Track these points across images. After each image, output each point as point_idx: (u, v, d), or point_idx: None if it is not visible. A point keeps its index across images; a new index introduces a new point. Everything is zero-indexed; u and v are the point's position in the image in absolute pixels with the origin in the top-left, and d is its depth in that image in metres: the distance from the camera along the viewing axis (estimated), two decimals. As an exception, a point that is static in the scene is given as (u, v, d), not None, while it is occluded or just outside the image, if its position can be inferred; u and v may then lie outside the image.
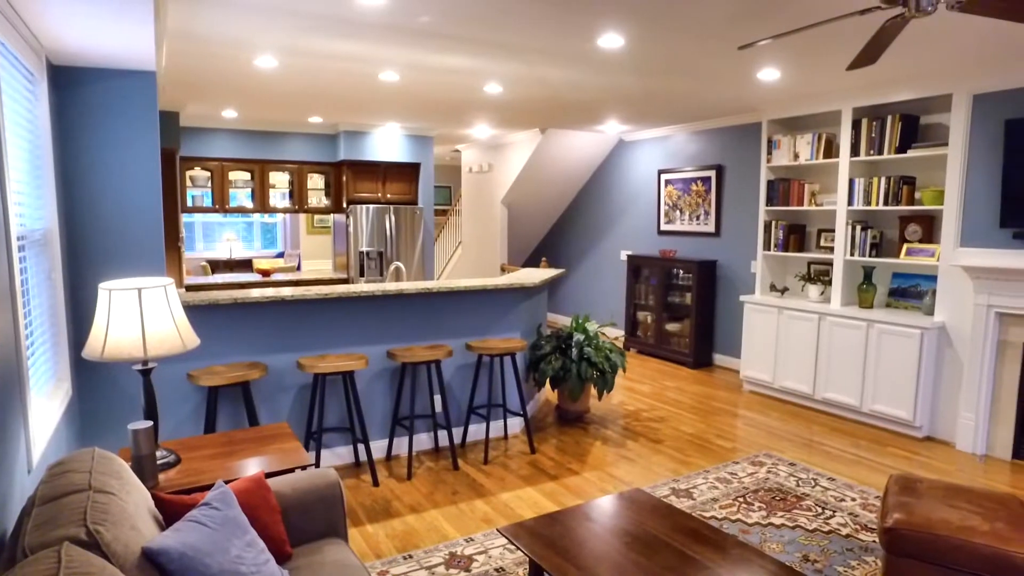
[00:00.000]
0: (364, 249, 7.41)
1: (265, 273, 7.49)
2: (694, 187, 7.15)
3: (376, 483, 3.88)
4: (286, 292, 3.89)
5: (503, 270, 8.45)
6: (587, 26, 3.50)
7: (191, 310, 3.66)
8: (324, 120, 6.99)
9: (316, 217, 11.52)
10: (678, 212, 7.40)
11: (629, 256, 7.68)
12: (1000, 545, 2.35)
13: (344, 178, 7.44)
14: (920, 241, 4.92)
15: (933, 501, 2.65)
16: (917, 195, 4.92)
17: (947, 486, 2.80)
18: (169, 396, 3.69)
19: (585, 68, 4.49)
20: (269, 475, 2.41)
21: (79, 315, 3.38)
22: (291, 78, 4.83)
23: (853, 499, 3.69)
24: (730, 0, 3.07)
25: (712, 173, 6.89)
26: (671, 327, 7.23)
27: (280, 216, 11.98)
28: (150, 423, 2.23)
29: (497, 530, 2.71)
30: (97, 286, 3.39)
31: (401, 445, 4.40)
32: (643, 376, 6.55)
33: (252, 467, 2.45)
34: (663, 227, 7.63)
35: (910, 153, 4.82)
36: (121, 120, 3.38)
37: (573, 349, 4.90)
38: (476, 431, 4.70)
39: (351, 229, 7.37)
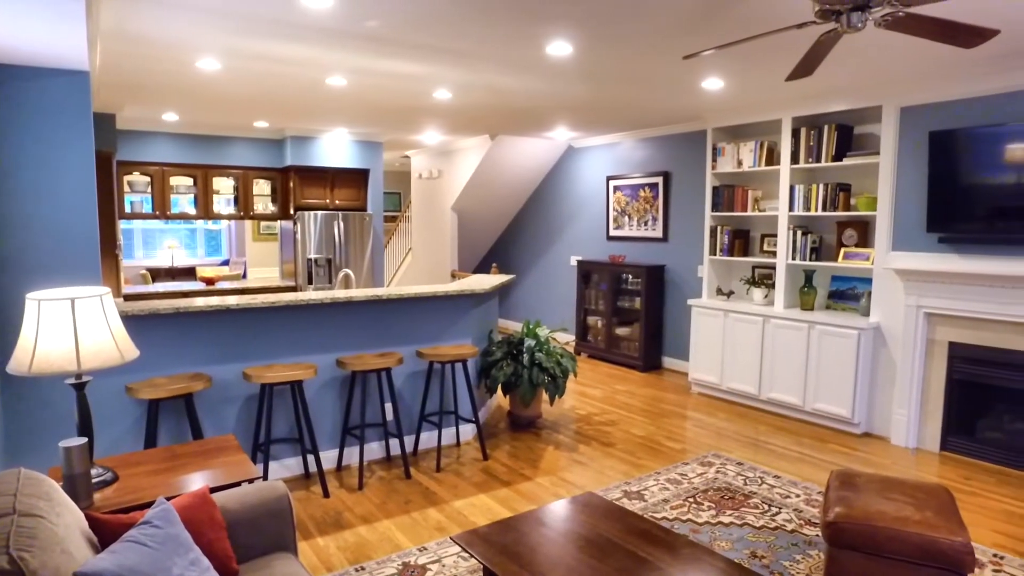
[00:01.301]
0: (312, 256, 7.28)
1: (209, 281, 7.27)
2: (642, 193, 7.28)
3: (326, 494, 3.80)
4: (231, 300, 3.79)
5: (454, 276, 8.43)
6: (536, 34, 3.53)
7: (130, 320, 3.52)
8: (270, 125, 6.84)
9: (262, 224, 11.27)
10: (627, 218, 7.52)
11: (579, 261, 7.76)
12: (929, 532, 2.47)
13: (291, 184, 7.30)
14: (856, 245, 5.13)
15: (871, 494, 2.75)
16: (852, 201, 5.12)
17: (883, 479, 2.92)
18: (106, 411, 3.53)
19: (535, 75, 4.52)
20: (214, 490, 2.33)
21: (3, 327, 3.21)
22: (235, 82, 4.72)
23: (797, 495, 3.81)
24: (676, 11, 3.15)
25: (659, 180, 7.03)
26: (621, 331, 7.33)
27: (225, 223, 11.67)
28: (84, 440, 2.13)
29: (451, 538, 2.69)
30: (24, 296, 3.23)
31: (352, 455, 4.33)
32: (594, 380, 6.62)
33: (196, 482, 2.37)
34: (612, 233, 7.74)
35: (845, 161, 5.02)
36: (52, 121, 3.24)
37: (524, 355, 4.91)
38: (428, 439, 4.66)
39: (299, 236, 7.23)
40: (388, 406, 4.46)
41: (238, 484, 2.40)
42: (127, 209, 6.80)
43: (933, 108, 4.54)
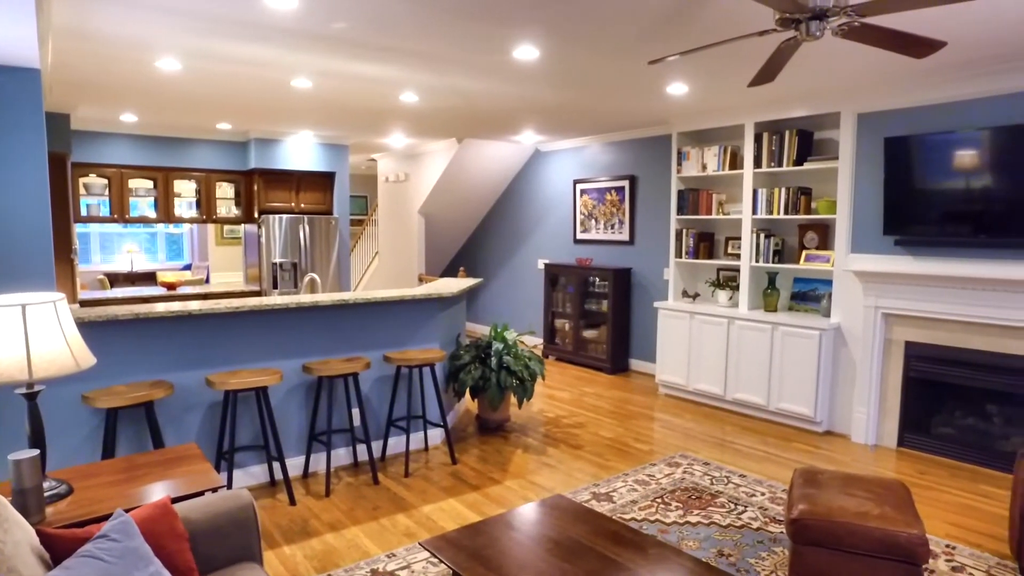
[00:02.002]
0: (277, 260, 7.17)
1: (170, 286, 7.10)
2: (608, 197, 7.34)
3: (293, 502, 3.74)
4: (194, 306, 3.71)
5: (421, 280, 8.38)
6: (503, 38, 3.54)
7: (86, 327, 3.42)
8: (233, 127, 6.72)
9: (226, 228, 11.06)
10: (593, 221, 7.57)
11: (547, 265, 7.79)
12: (887, 526, 2.53)
13: (255, 187, 7.18)
14: (817, 248, 5.25)
15: (832, 491, 2.82)
16: (813, 205, 5.24)
17: (844, 476, 2.99)
18: (60, 421, 3.42)
19: (501, 79, 4.53)
20: (176, 500, 2.27)
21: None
22: (197, 82, 4.63)
23: (763, 494, 3.87)
24: (641, 17, 3.19)
25: (626, 183, 7.10)
26: (589, 334, 7.37)
27: (186, 227, 11.43)
28: (36, 452, 2.06)
29: (420, 544, 2.67)
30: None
31: (319, 461, 4.27)
32: (562, 383, 6.64)
33: (157, 492, 2.31)
34: (579, 236, 7.79)
35: (806, 166, 5.14)
36: (0, 119, 3.13)
37: (492, 358, 4.91)
38: (396, 444, 4.62)
39: (263, 240, 7.11)
40: (355, 411, 4.41)
41: (201, 493, 2.34)
42: (83, 212, 6.61)
43: (888, 115, 4.68)
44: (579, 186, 7.71)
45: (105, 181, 6.62)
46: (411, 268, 9.00)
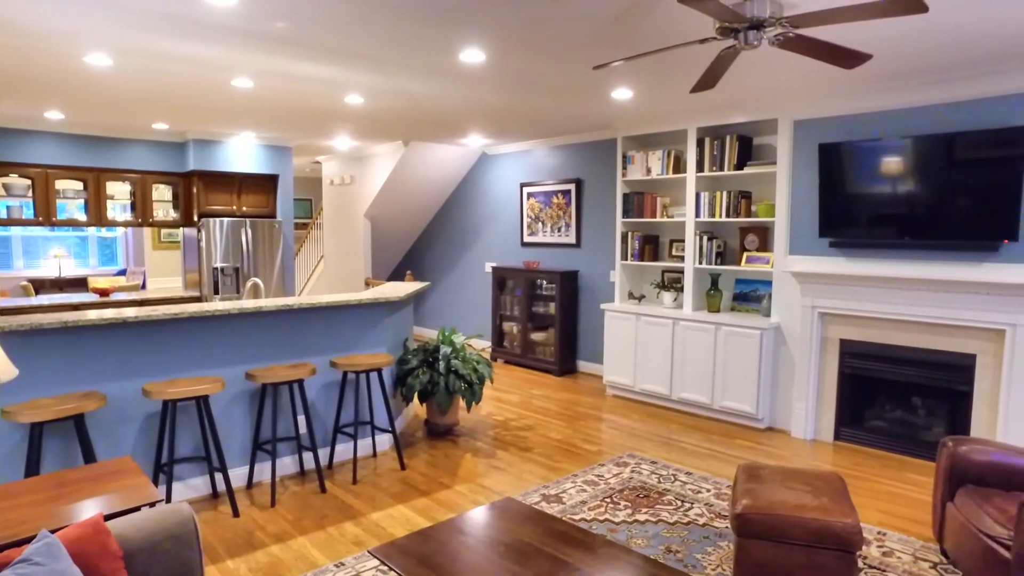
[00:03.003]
0: (218, 265, 6.96)
1: (103, 292, 6.80)
2: (555, 200, 7.40)
3: (236, 514, 3.63)
4: (129, 313, 3.56)
5: (367, 284, 8.27)
6: (449, 40, 3.53)
7: (6, 336, 3.24)
8: (171, 127, 6.49)
9: (164, 231, 10.67)
10: (540, 224, 7.63)
11: (494, 268, 7.80)
12: (824, 517, 2.64)
13: (195, 189, 6.95)
14: (757, 250, 5.41)
15: (774, 485, 2.91)
16: (753, 208, 5.41)
17: (785, 470, 3.09)
18: (-17, 435, 3.23)
19: (448, 82, 4.52)
20: (109, 517, 2.17)
21: None
22: (130, 80, 4.45)
23: (708, 490, 3.97)
24: (587, 23, 3.23)
25: (572, 187, 7.17)
26: (536, 336, 7.41)
27: (121, 230, 10.97)
28: (-42, 468, 1.93)
29: (368, 552, 2.63)
30: None
31: (264, 471, 4.15)
32: (511, 386, 6.66)
33: (88, 510, 2.20)
34: (526, 239, 7.83)
35: (746, 170, 5.30)
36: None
37: (440, 362, 4.88)
38: (344, 451, 4.54)
39: (203, 244, 6.89)
40: (301, 418, 4.31)
41: (137, 509, 2.25)
42: (3, 215, 6.26)
43: (822, 122, 4.87)
44: (526, 189, 7.75)
45: (28, 182, 6.29)
46: (357, 272, 8.87)
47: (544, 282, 7.32)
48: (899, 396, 4.76)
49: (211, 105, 5.35)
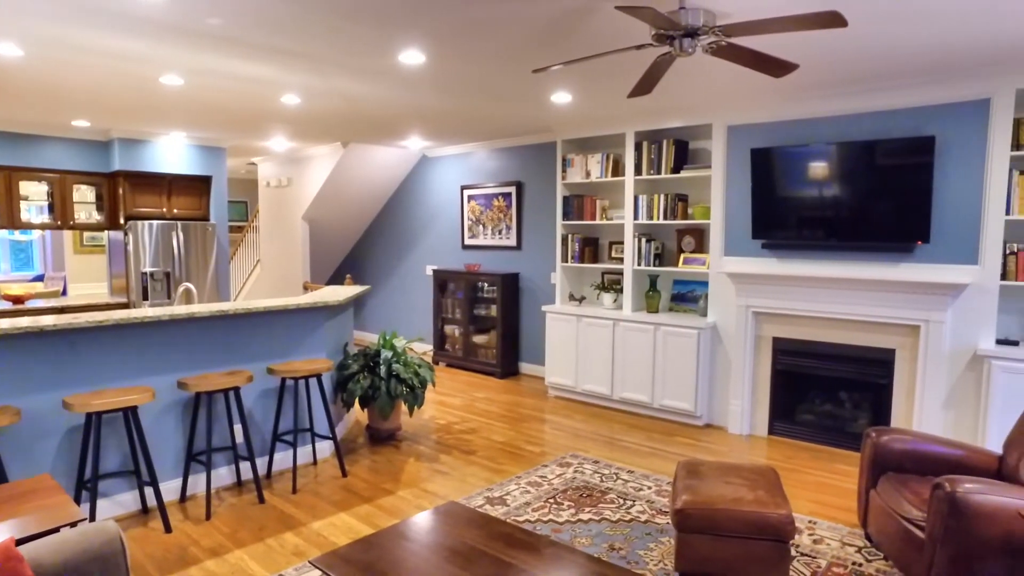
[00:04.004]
0: (148, 270, 6.66)
1: (17, 300, 6.41)
2: (496, 202, 7.42)
3: (168, 529, 3.48)
4: (47, 321, 3.36)
5: (306, 288, 8.09)
6: (387, 41, 3.49)
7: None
8: (93, 125, 6.18)
9: (86, 234, 10.15)
10: (481, 227, 7.63)
11: (435, 271, 7.75)
12: (760, 509, 2.73)
13: (120, 191, 6.64)
14: (694, 251, 5.56)
15: (712, 481, 2.99)
16: (690, 211, 5.56)
17: (722, 466, 3.18)
18: None
19: (387, 84, 4.47)
20: (23, 540, 2.05)
21: None
22: (46, 73, 4.21)
23: (649, 488, 4.05)
24: (526, 27, 3.25)
25: (512, 189, 7.21)
26: (478, 339, 7.41)
27: (37, 233, 10.37)
28: None
29: (310, 562, 2.57)
30: None
31: (198, 483, 4.00)
32: (453, 389, 6.63)
33: None
34: (467, 241, 7.82)
35: (683, 173, 5.44)
36: None
37: (382, 366, 4.82)
38: (283, 459, 4.42)
39: (131, 248, 6.59)
40: (238, 427, 4.18)
41: (56, 530, 2.12)
42: (-91, 218, 5.83)
43: (754, 128, 5.05)
44: (466, 192, 7.74)
45: (-64, 183, 5.87)
46: (295, 276, 8.66)
47: (485, 285, 7.32)
48: (827, 391, 4.98)
49: (137, 103, 5.12)
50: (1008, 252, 4.07)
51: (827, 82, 4.41)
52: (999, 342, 4.13)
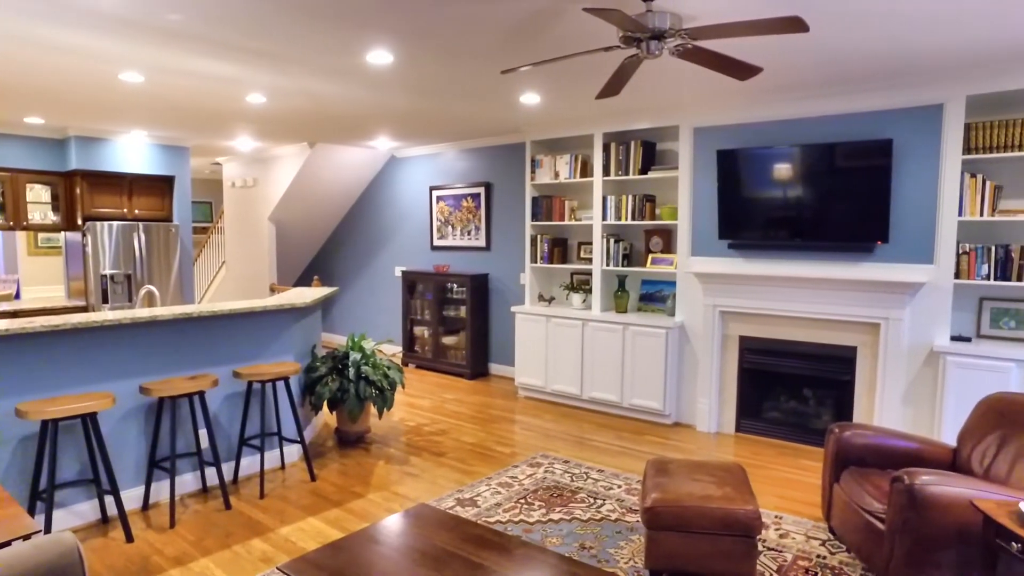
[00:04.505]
0: (108, 272, 6.49)
1: (-31, 304, 6.19)
2: (465, 203, 7.40)
3: (130, 539, 3.39)
4: None
5: (273, 290, 7.97)
6: (354, 40, 3.46)
7: None
8: (47, 122, 6.00)
9: (41, 236, 9.84)
10: (450, 228, 7.61)
11: (404, 272, 7.71)
12: (728, 506, 2.77)
13: (78, 191, 6.45)
14: (662, 251, 5.63)
15: (681, 478, 3.03)
16: (657, 211, 5.62)
17: (691, 463, 3.22)
18: None
19: (354, 83, 4.43)
20: (-19, 549, 1.97)
21: None
22: None
23: (619, 486, 4.08)
24: (495, 28, 3.25)
25: (481, 190, 7.20)
26: (448, 340, 7.38)
27: (-11, 235, 10.01)
28: None
29: (278, 568, 2.53)
30: None
31: (162, 490, 3.91)
32: (422, 391, 6.60)
33: (-44, 542, 1.99)
34: (436, 242, 7.79)
35: (650, 174, 5.50)
36: None
37: (350, 369, 4.77)
38: (250, 464, 4.34)
39: (89, 250, 6.41)
40: (203, 432, 4.09)
41: (8, 543, 2.05)
42: None
43: (720, 130, 5.13)
44: (435, 192, 7.71)
45: None
46: (262, 278, 8.53)
47: (455, 286, 7.30)
48: (792, 388, 5.08)
49: (95, 100, 4.99)
50: (960, 252, 4.20)
51: (791, 85, 4.51)
52: (953, 339, 4.26)
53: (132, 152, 6.77)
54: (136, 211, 6.83)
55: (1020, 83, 3.92)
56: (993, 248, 4.10)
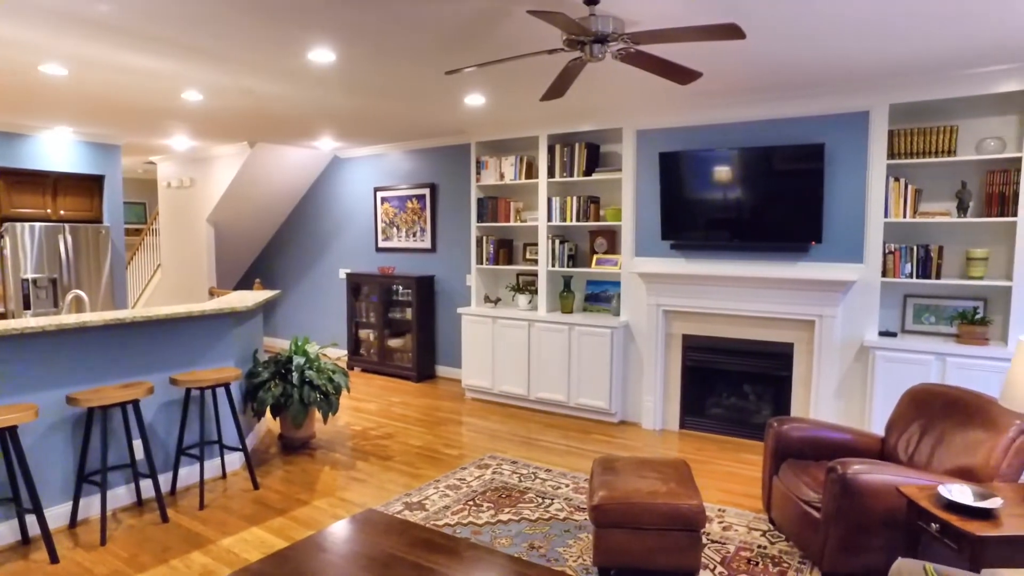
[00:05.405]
0: (30, 276, 6.16)
1: None
2: (410, 204, 7.34)
3: (55, 559, 3.21)
4: (-90, 334, 3.04)
5: (212, 294, 7.72)
6: (295, 38, 3.39)
7: None
8: (-38, 119, 5.66)
9: (-45, 239, 9.25)
10: (395, 229, 7.53)
11: (348, 274, 7.59)
12: (673, 501, 2.83)
13: (-5, 191, 6.10)
14: (606, 252, 5.71)
15: (627, 475, 3.07)
16: (602, 212, 5.70)
17: (637, 460, 3.28)
18: None
19: (295, 82, 4.33)
20: None
21: None
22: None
23: (567, 485, 4.11)
24: (438, 28, 3.23)
25: (427, 191, 7.15)
26: (394, 343, 7.31)
27: (-103, 238, 9.35)
28: None
29: (218, 582, 2.45)
30: None
31: (92, 506, 3.72)
32: (369, 394, 6.51)
33: None
34: (381, 244, 7.70)
35: (595, 176, 5.57)
36: None
37: (294, 373, 4.66)
38: (189, 474, 4.19)
39: (7, 252, 6.07)
40: (137, 443, 3.92)
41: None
42: None
43: (662, 132, 5.24)
44: (380, 194, 7.62)
45: None
46: (200, 281, 8.24)
47: (400, 288, 7.23)
48: (734, 384, 5.23)
49: (11, 93, 4.73)
50: (887, 252, 4.41)
51: (730, 90, 4.65)
52: (881, 334, 4.47)
53: (56, 149, 6.44)
54: (61, 212, 6.51)
55: (937, 94, 4.15)
56: (915, 248, 4.32)
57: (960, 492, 2.46)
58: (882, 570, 2.77)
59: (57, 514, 3.58)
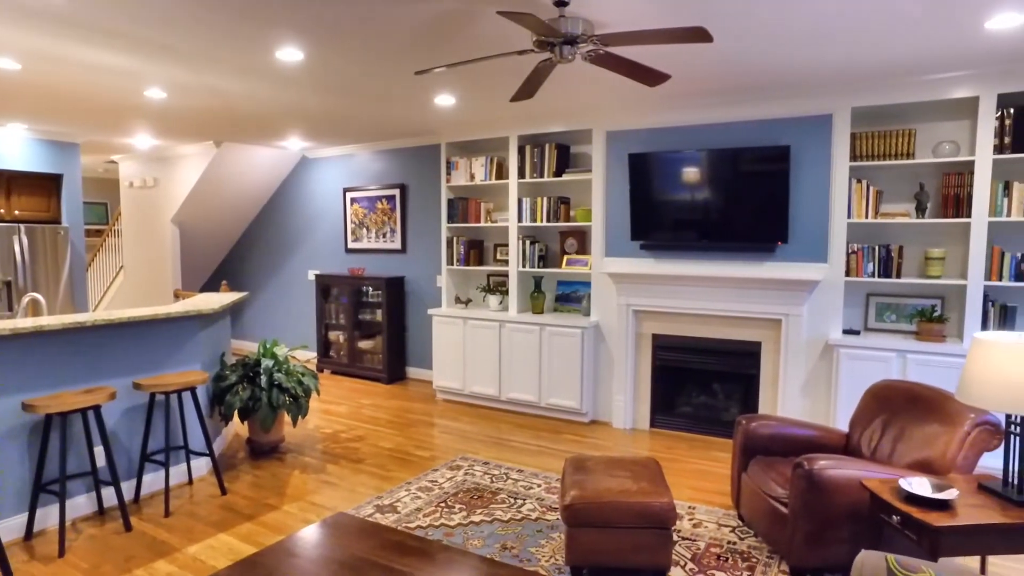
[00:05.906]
0: (-17, 279, 5.96)
1: None
2: (379, 205, 7.29)
3: (8, 574, 3.11)
4: None
5: (177, 296, 7.56)
6: (262, 37, 3.34)
7: None
8: (-89, 116, 5.45)
9: (-96, 240, 8.90)
10: (365, 230, 7.47)
11: (317, 276, 7.50)
12: (644, 499, 2.86)
13: (-53, 190, 5.89)
14: (577, 253, 5.74)
15: (599, 474, 3.09)
16: (572, 213, 5.73)
17: (608, 459, 3.30)
18: None
19: (263, 81, 4.27)
20: None
21: None
22: None
23: (539, 485, 4.12)
24: (408, 28, 3.22)
25: (396, 192, 7.11)
26: (364, 345, 7.24)
27: None
28: None
29: (184, 590, 2.40)
30: None
31: (49, 516, 3.61)
32: (339, 397, 6.44)
33: None
34: (351, 245, 7.62)
35: (565, 177, 5.59)
36: None
37: (262, 376, 4.59)
38: (153, 481, 4.10)
39: (-39, 254, 5.86)
40: (99, 450, 3.82)
41: None
42: None
43: (632, 134, 5.29)
44: (349, 194, 7.55)
45: None
46: (165, 283, 8.07)
47: (370, 289, 7.17)
48: (703, 383, 5.30)
49: (-30, 92, 4.58)
50: (850, 251, 4.52)
51: (698, 92, 4.71)
52: (845, 332, 4.58)
53: (9, 147, 6.25)
54: (16, 212, 6.31)
55: (896, 98, 4.27)
56: (877, 248, 4.44)
57: (919, 484, 2.53)
58: (847, 563, 2.83)
59: (11, 526, 3.46)
